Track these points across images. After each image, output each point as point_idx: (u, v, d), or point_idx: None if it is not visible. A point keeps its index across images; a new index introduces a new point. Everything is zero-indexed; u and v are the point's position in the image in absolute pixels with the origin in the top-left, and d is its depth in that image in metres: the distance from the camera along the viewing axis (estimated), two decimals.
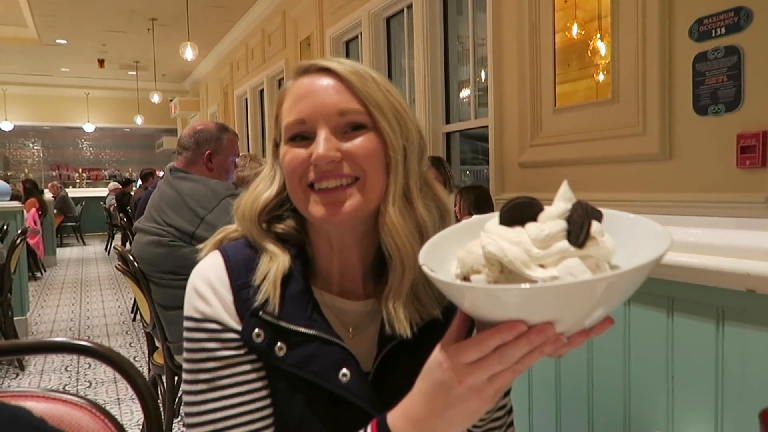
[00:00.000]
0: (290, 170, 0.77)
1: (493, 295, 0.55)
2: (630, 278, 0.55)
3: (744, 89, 2.36)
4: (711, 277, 0.89)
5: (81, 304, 6.02)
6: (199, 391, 0.75)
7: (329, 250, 0.81)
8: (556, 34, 3.27)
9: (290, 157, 0.77)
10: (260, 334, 0.74)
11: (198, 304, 0.77)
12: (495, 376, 0.58)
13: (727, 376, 0.90)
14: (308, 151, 0.75)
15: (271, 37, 7.55)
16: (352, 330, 0.81)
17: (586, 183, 3.14)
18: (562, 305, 0.54)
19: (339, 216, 0.75)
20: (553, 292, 0.53)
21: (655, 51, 2.67)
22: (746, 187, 2.39)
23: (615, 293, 0.55)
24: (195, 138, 2.33)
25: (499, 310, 0.56)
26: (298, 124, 0.76)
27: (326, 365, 0.75)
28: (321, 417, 0.75)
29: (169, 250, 2.13)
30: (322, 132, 0.75)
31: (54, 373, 3.78)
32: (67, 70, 12.66)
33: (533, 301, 0.54)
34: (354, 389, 0.74)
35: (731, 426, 0.90)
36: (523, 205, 0.60)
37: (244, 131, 9.10)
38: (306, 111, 0.76)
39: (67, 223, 11.51)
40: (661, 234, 0.60)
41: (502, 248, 0.57)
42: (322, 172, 0.74)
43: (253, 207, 0.81)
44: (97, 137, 16.00)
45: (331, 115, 0.75)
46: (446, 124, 4.45)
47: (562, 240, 0.57)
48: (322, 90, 0.76)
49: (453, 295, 0.60)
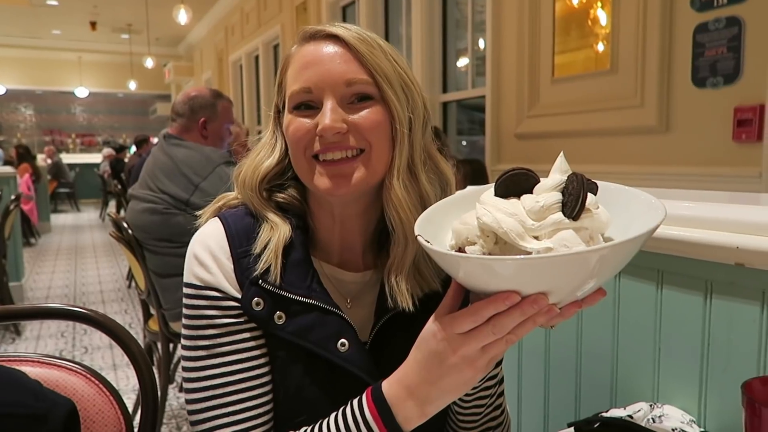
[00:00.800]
0: (295, 140, 0.76)
1: (487, 265, 0.56)
2: (623, 250, 0.55)
3: (743, 61, 2.34)
4: (700, 250, 0.90)
5: (76, 270, 6.04)
6: (198, 357, 0.76)
7: (330, 221, 0.81)
8: (556, 1, 3.22)
9: (295, 126, 0.75)
10: (260, 302, 0.75)
11: (198, 271, 0.77)
12: (488, 346, 0.59)
13: (712, 348, 0.91)
14: (314, 121, 0.74)
15: (267, 1, 7.41)
16: (350, 300, 0.82)
17: (583, 155, 3.13)
18: (556, 276, 0.55)
19: (344, 188, 0.74)
20: (547, 263, 0.53)
21: (656, 20, 2.63)
22: (742, 161, 2.39)
23: (608, 265, 0.56)
24: (189, 105, 2.30)
25: (493, 280, 0.57)
26: (304, 92, 0.75)
27: (325, 334, 0.75)
28: (319, 385, 0.76)
29: (164, 218, 2.13)
30: (328, 102, 0.73)
31: (50, 339, 3.81)
32: (58, 32, 12.43)
33: (527, 271, 0.54)
34: (352, 358, 0.75)
35: (715, 396, 0.92)
36: (518, 176, 0.60)
37: (239, 98, 9.00)
38: (312, 80, 0.74)
39: (62, 190, 11.46)
40: (655, 206, 0.61)
41: (497, 219, 0.58)
42: (328, 144, 0.73)
43: (254, 175, 0.80)
44: (90, 102, 15.80)
45: (338, 85, 0.74)
46: (443, 94, 4.41)
47: (557, 212, 0.57)
48: (329, 58, 0.75)
49: (448, 266, 0.61)
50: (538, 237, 0.57)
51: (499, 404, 0.85)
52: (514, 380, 1.33)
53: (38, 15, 10.56)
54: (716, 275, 0.90)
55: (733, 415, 0.88)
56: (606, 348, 1.10)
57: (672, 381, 0.99)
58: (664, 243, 0.95)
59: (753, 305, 0.86)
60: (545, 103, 3.35)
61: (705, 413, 0.94)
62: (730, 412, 0.89)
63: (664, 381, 1.00)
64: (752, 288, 0.86)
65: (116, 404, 0.88)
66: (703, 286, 0.92)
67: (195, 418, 0.76)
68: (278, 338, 0.76)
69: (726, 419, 0.91)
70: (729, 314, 0.89)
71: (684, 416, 0.93)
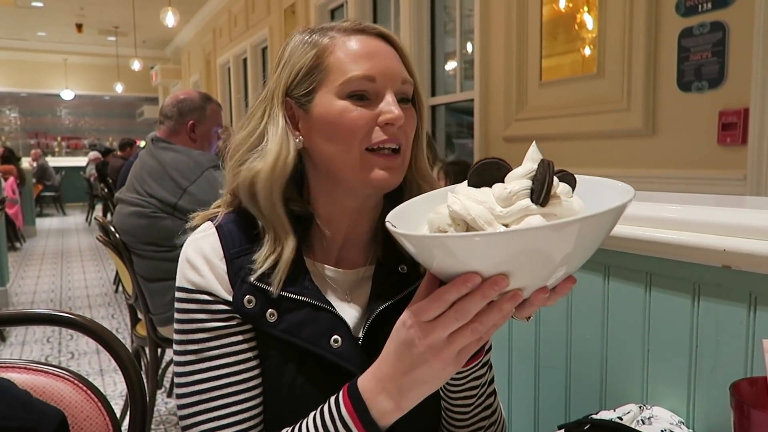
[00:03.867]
0: (352, 130, 0.74)
1: (441, 243, 0.56)
2: (583, 228, 0.54)
3: (727, 66, 2.37)
4: (688, 252, 0.91)
5: (62, 275, 5.97)
6: (187, 362, 0.75)
7: (340, 216, 0.81)
8: (543, 6, 3.24)
9: (355, 115, 0.74)
10: (251, 300, 0.75)
11: (190, 274, 0.77)
12: (454, 335, 0.58)
13: (701, 349, 0.92)
14: (371, 111, 0.74)
15: (255, 3, 7.39)
16: (348, 293, 0.82)
17: (570, 158, 3.16)
18: (513, 255, 0.54)
19: (395, 180, 0.76)
20: (499, 238, 0.53)
21: (642, 25, 2.66)
22: (727, 164, 2.42)
23: (570, 246, 0.54)
24: (178, 107, 2.29)
25: (451, 261, 0.57)
26: (367, 80, 0.74)
27: (317, 331, 0.75)
28: (313, 383, 0.76)
29: (151, 222, 2.12)
30: (389, 95, 0.75)
31: (36, 345, 3.76)
32: (43, 34, 12.31)
33: (482, 248, 0.54)
34: (344, 355, 0.75)
35: (703, 398, 0.93)
36: (490, 165, 0.61)
37: (227, 101, 8.96)
38: (376, 70, 0.74)
39: (47, 193, 11.33)
40: (623, 189, 0.60)
41: (466, 207, 0.58)
42: (392, 135, 0.75)
43: (281, 179, 0.76)
44: (76, 105, 15.65)
45: (397, 81, 0.76)
46: (432, 97, 4.42)
47: (525, 198, 0.57)
48: (388, 54, 0.77)
49: (410, 248, 0.61)
50: (508, 224, 0.57)
51: (489, 404, 0.85)
52: (504, 383, 1.33)
53: (23, 16, 10.45)
54: (704, 277, 0.91)
55: (722, 416, 0.89)
56: (595, 350, 1.10)
57: (661, 382, 1.00)
58: (652, 246, 0.96)
59: (740, 307, 0.87)
60: (533, 107, 3.37)
61: (694, 414, 0.95)
62: (719, 413, 0.90)
63: (653, 383, 1.01)
64: (739, 290, 0.87)
65: (104, 410, 0.87)
66: (690, 288, 0.93)
67: (184, 423, 0.75)
68: (271, 337, 0.76)
69: (714, 420, 0.92)
70: (716, 316, 0.90)
71: (673, 417, 0.94)
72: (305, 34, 0.80)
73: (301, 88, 0.77)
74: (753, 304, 0.85)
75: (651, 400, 1.01)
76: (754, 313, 0.85)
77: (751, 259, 0.83)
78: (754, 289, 0.85)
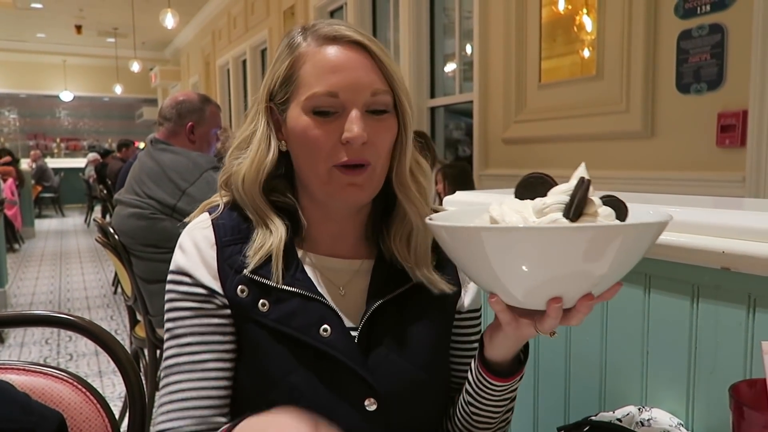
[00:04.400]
0: (316, 147, 0.75)
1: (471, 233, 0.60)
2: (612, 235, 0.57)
3: (726, 68, 2.38)
4: (687, 254, 0.91)
5: (61, 276, 5.96)
6: (165, 340, 0.80)
7: (323, 218, 0.82)
8: (542, 7, 3.25)
9: (318, 133, 0.74)
10: (244, 289, 0.76)
11: (177, 256, 0.80)
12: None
13: (700, 351, 0.92)
14: (334, 127, 0.74)
15: (254, 5, 7.39)
16: (342, 288, 0.83)
17: (569, 160, 3.16)
18: (535, 252, 0.58)
19: (361, 198, 0.77)
20: (524, 233, 0.58)
21: (641, 27, 2.66)
22: (725, 165, 2.42)
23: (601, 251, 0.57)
24: (177, 109, 2.29)
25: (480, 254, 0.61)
26: (329, 96, 0.74)
27: (307, 321, 0.76)
28: (305, 371, 0.76)
29: (150, 223, 2.11)
30: (354, 111, 0.74)
31: (34, 346, 3.76)
32: (43, 35, 12.30)
33: (506, 240, 0.58)
34: (334, 343, 0.76)
35: (702, 400, 0.93)
36: (535, 180, 0.64)
37: (226, 103, 8.96)
38: (339, 85, 0.74)
39: (46, 194, 11.32)
40: (661, 212, 0.65)
41: (502, 213, 0.62)
42: (355, 154, 0.74)
43: (258, 175, 0.79)
44: (75, 106, 15.64)
45: (364, 95, 0.75)
46: (431, 99, 4.43)
47: (557, 212, 0.60)
48: (356, 65, 0.75)
49: (445, 240, 0.65)
50: None
51: (509, 417, 0.88)
52: None
53: (23, 18, 10.45)
54: (703, 279, 0.91)
55: (721, 418, 0.89)
56: (595, 352, 1.10)
57: (660, 384, 1.00)
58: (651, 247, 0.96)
59: (739, 308, 0.87)
60: (532, 108, 3.38)
61: (693, 416, 0.95)
62: (718, 415, 0.90)
63: (652, 384, 1.01)
64: (738, 291, 0.87)
65: (103, 412, 0.87)
66: (690, 290, 0.93)
67: (157, 402, 0.79)
68: (262, 326, 0.77)
69: (713, 422, 0.92)
70: (716, 318, 0.90)
71: (672, 419, 0.94)
72: (295, 33, 0.80)
73: (279, 96, 0.79)
74: (752, 305, 0.85)
75: (650, 401, 1.01)
76: (753, 315, 0.85)
77: (750, 261, 0.83)
78: (753, 290, 0.85)
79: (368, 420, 0.76)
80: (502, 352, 0.75)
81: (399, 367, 0.79)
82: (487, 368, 0.77)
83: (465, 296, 0.88)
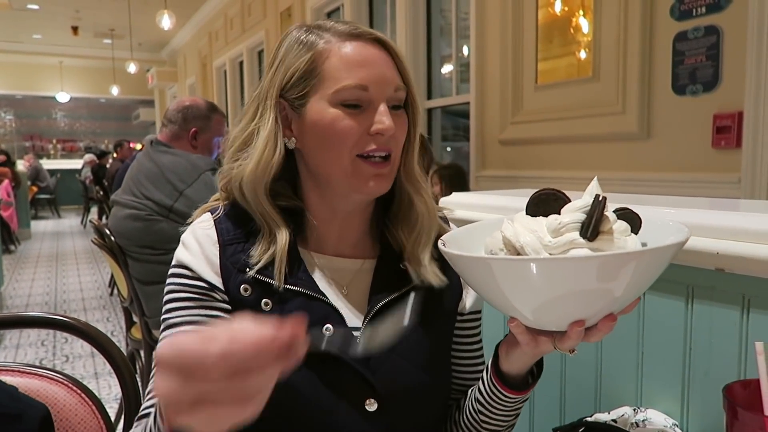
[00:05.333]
0: (343, 137, 0.75)
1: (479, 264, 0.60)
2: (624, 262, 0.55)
3: (722, 69, 2.39)
4: (682, 255, 0.91)
5: (57, 278, 5.95)
6: (160, 332, 0.78)
7: (330, 215, 0.83)
8: (539, 9, 3.25)
9: (347, 124, 0.75)
10: (247, 288, 0.77)
11: (179, 252, 0.80)
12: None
13: (694, 352, 0.93)
14: (363, 120, 0.76)
15: (251, 6, 7.39)
16: (346, 287, 0.83)
17: (566, 161, 3.17)
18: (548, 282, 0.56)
19: (384, 188, 0.78)
20: (532, 265, 0.55)
21: (637, 29, 2.67)
22: (721, 167, 2.43)
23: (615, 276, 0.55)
24: (183, 113, 2.28)
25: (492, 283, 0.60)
26: (359, 89, 0.75)
27: (310, 320, 0.76)
28: (306, 371, 0.76)
29: (147, 224, 2.11)
30: (382, 104, 0.76)
31: (30, 348, 3.75)
32: (39, 37, 12.26)
33: (518, 272, 0.56)
34: (336, 343, 0.76)
35: (697, 400, 0.93)
36: (547, 196, 0.63)
37: (223, 104, 8.95)
38: (369, 79, 0.75)
39: (42, 195, 11.28)
40: (678, 228, 0.63)
41: (516, 233, 0.61)
42: (382, 144, 0.76)
43: (264, 175, 0.78)
44: (72, 107, 15.60)
45: (390, 89, 0.77)
46: (428, 100, 4.43)
47: (574, 231, 0.59)
48: (381, 61, 0.77)
49: (455, 265, 0.65)
50: (553, 254, 0.59)
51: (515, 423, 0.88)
52: None
53: (19, 19, 10.42)
54: (697, 280, 0.91)
55: (715, 419, 0.89)
56: (590, 353, 1.10)
57: (655, 385, 1.00)
58: None
59: (733, 309, 0.87)
60: (529, 110, 3.38)
61: (687, 417, 0.95)
62: (712, 416, 0.91)
63: (647, 385, 1.01)
64: (732, 292, 0.87)
65: (99, 413, 0.87)
66: (684, 291, 0.93)
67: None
68: None
69: (708, 423, 0.92)
70: (710, 318, 0.90)
71: (667, 420, 0.94)
72: (301, 32, 0.80)
73: (295, 91, 0.78)
74: (746, 306, 0.86)
75: (645, 402, 1.01)
76: (747, 316, 0.86)
77: (744, 262, 0.83)
78: (747, 291, 0.85)
79: (368, 420, 0.76)
80: (518, 366, 0.75)
81: (400, 368, 0.79)
82: (501, 380, 0.77)
83: (467, 298, 0.88)
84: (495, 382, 0.78)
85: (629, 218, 0.62)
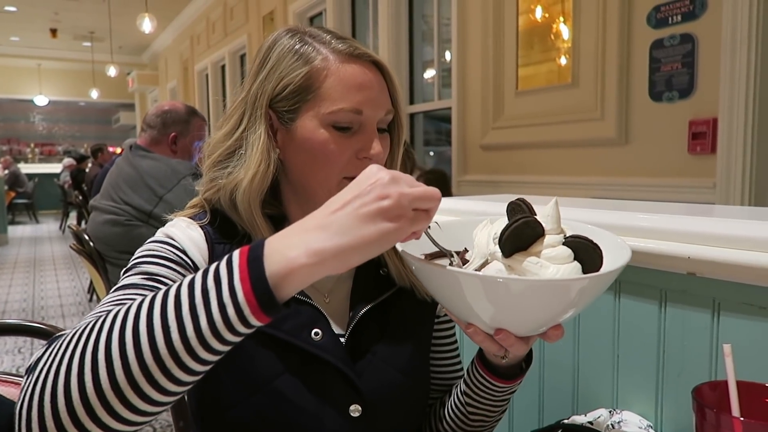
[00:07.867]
0: (331, 160, 0.76)
1: (424, 268, 0.64)
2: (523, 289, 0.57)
3: (697, 77, 2.44)
4: (655, 260, 0.93)
5: (34, 284, 5.85)
6: (123, 277, 0.73)
7: None
8: (519, 15, 3.29)
9: (336, 148, 0.75)
10: None
11: (166, 228, 0.79)
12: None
13: (667, 354, 0.95)
14: (352, 143, 0.76)
15: (233, 10, 7.37)
16: (327, 294, 0.84)
17: (545, 166, 3.20)
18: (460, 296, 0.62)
19: None
20: (456, 277, 0.61)
21: (615, 36, 2.72)
22: (696, 172, 2.48)
23: (510, 301, 0.59)
24: (162, 118, 2.27)
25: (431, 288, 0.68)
26: (354, 113, 0.75)
27: (298, 324, 0.76)
28: (293, 376, 0.76)
29: (126, 230, 2.09)
30: (374, 129, 0.77)
31: (7, 355, 3.68)
32: (16, 39, 12.08)
33: (446, 281, 0.62)
34: (326, 347, 0.76)
35: (670, 401, 0.95)
36: (512, 207, 0.65)
37: (204, 108, 8.89)
38: (365, 104, 0.76)
39: (19, 200, 11.10)
40: (620, 246, 0.65)
41: (478, 234, 0.68)
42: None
43: (260, 188, 0.76)
44: (50, 111, 15.39)
45: (380, 113, 0.78)
46: (410, 105, 4.45)
47: (495, 244, 0.63)
48: (378, 86, 0.78)
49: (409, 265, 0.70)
50: (487, 261, 0.64)
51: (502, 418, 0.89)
52: None
53: None
54: (670, 284, 0.93)
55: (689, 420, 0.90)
56: (567, 356, 1.12)
57: (630, 387, 1.02)
58: None
59: (704, 312, 0.89)
60: (509, 115, 3.42)
61: (661, 418, 0.97)
62: (685, 417, 0.93)
63: (622, 387, 1.03)
64: (703, 296, 0.89)
65: None
66: (657, 294, 0.95)
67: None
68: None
69: (682, 423, 0.94)
70: (682, 321, 0.92)
71: (642, 421, 0.96)
72: (295, 40, 0.78)
73: (287, 104, 0.77)
74: (716, 309, 0.88)
75: (621, 404, 1.03)
76: (718, 319, 0.88)
77: (714, 267, 0.86)
78: (717, 295, 0.87)
79: (352, 426, 0.76)
80: (504, 362, 0.77)
81: (383, 373, 0.80)
82: (490, 370, 0.79)
83: None
84: (483, 373, 0.79)
85: (582, 248, 0.60)
